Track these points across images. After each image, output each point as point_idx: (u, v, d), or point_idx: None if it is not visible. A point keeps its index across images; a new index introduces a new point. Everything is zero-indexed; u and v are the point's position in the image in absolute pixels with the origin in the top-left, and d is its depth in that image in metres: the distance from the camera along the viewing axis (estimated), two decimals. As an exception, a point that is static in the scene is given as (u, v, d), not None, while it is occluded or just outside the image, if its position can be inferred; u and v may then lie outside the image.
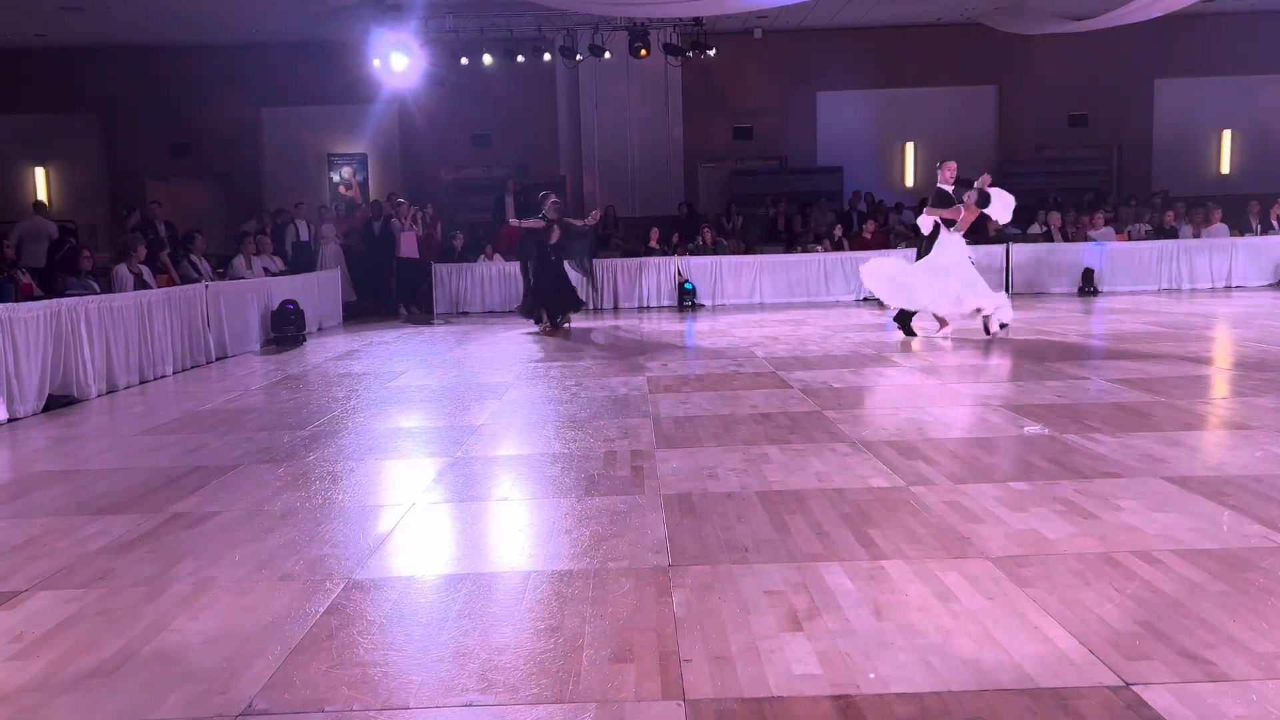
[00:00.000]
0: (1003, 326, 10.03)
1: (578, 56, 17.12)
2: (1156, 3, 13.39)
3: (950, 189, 9.83)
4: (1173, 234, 16.68)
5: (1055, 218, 16.92)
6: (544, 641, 3.14)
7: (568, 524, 4.36)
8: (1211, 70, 18.94)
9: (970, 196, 9.76)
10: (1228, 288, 15.81)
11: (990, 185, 9.82)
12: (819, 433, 6.03)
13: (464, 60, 16.95)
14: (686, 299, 15.68)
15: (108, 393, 8.59)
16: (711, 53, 17.06)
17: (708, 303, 15.88)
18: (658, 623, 3.25)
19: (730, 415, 6.68)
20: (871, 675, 2.82)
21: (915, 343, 10.04)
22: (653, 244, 16.56)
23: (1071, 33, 16.37)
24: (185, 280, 11.71)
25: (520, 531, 4.34)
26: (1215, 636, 3.01)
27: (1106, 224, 16.74)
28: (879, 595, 3.42)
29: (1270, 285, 15.84)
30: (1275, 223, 16.97)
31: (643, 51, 16.78)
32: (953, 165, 9.90)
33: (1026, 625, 3.14)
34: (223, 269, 13.33)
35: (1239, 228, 16.79)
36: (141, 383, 9.16)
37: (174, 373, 9.75)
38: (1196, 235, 16.68)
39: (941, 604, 3.33)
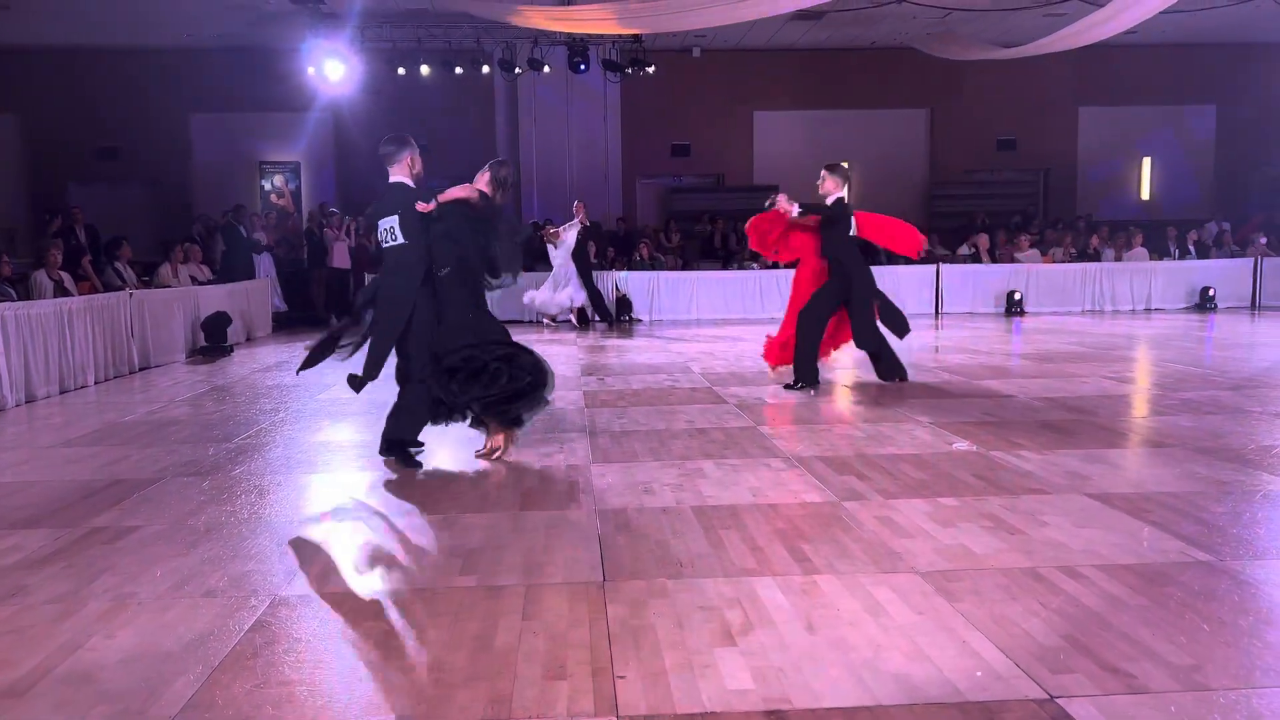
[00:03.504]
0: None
1: (516, 70, 17.09)
2: (1081, 33, 13.83)
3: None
4: (1095, 257, 17.19)
5: (983, 239, 17.31)
6: (475, 658, 3.10)
7: (502, 539, 4.32)
8: (1133, 99, 19.60)
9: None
10: (1148, 310, 16.32)
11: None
12: (754, 448, 6.07)
13: (401, 70, 16.80)
14: (624, 313, 15.68)
15: (26, 402, 8.31)
16: (650, 70, 17.15)
17: (645, 318, 15.91)
18: (591, 639, 3.23)
19: (666, 430, 6.70)
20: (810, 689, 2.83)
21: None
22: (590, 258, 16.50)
23: (1000, 59, 16.82)
24: (109, 288, 11.40)
25: (453, 547, 4.28)
26: (1136, 650, 3.08)
27: (1032, 246, 17.17)
28: (811, 610, 3.45)
29: (1186, 308, 16.37)
30: (1192, 248, 17.59)
31: (582, 67, 16.82)
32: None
33: (955, 639, 3.18)
34: (148, 277, 13.00)
35: (1158, 252, 17.38)
36: (62, 392, 8.88)
37: (96, 383, 9.47)
38: (1119, 259, 17.20)
39: (872, 618, 3.36)
